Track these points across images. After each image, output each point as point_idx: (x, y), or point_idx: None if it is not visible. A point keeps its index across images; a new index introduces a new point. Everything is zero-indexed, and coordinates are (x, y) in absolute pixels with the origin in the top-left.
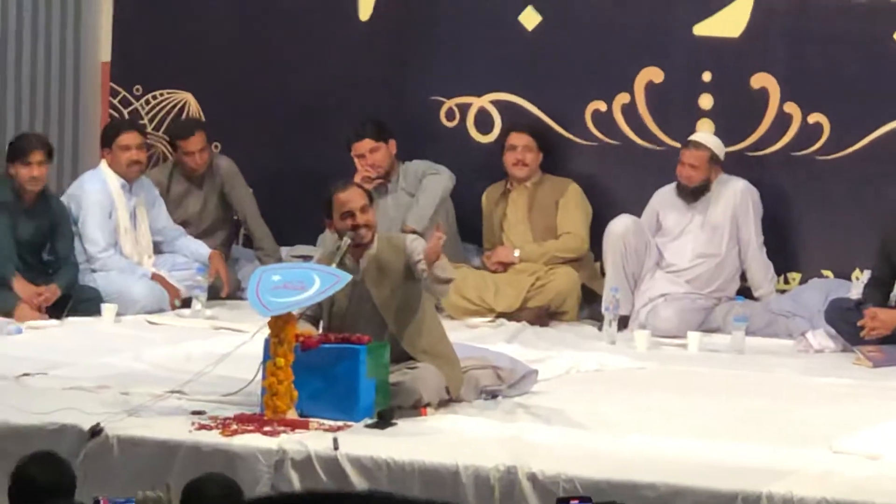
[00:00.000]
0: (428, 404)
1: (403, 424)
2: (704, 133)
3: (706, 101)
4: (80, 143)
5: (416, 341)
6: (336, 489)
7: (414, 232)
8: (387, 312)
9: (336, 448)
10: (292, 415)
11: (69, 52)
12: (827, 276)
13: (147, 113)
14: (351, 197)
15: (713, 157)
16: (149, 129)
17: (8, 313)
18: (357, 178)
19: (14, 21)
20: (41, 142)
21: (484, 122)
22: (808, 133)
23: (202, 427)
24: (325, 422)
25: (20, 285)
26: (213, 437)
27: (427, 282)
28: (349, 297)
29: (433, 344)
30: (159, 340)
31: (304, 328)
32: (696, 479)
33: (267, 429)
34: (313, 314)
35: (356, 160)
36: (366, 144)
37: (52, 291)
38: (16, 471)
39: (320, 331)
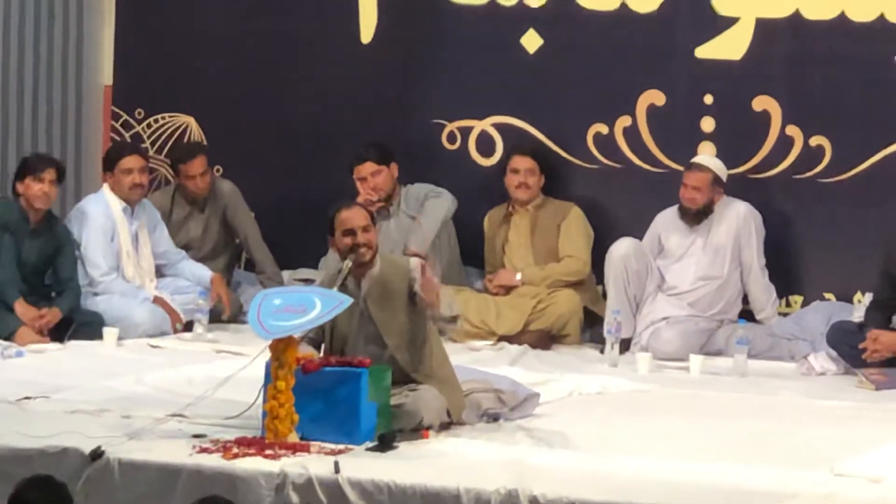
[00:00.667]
0: (430, 427)
1: (405, 447)
2: (706, 155)
3: (708, 124)
4: (82, 167)
5: (418, 364)
6: None
7: (416, 255)
8: (387, 334)
9: (337, 471)
10: (293, 438)
11: (71, 76)
12: (829, 299)
13: (149, 136)
14: (353, 216)
15: (716, 179)
16: (150, 153)
17: (9, 337)
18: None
19: (16, 44)
20: (55, 161)
21: (486, 145)
22: (810, 155)
23: (203, 450)
24: (327, 445)
25: (22, 309)
26: (214, 461)
27: (434, 321)
28: (351, 318)
29: (435, 367)
30: (161, 364)
31: (306, 351)
32: (698, 502)
33: (268, 452)
34: (315, 337)
35: (358, 183)
36: (368, 168)
37: (53, 314)
38: (13, 495)
39: (322, 354)
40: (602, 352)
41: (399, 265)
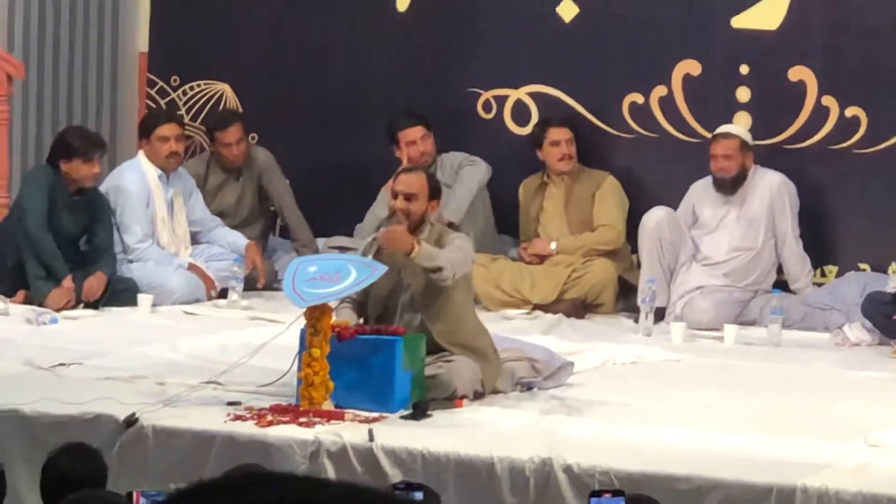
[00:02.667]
0: (464, 396)
1: (439, 416)
2: (729, 124)
3: (743, 94)
4: (118, 134)
5: (451, 335)
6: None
7: (451, 224)
8: (422, 303)
9: (371, 439)
10: (328, 406)
11: (107, 43)
12: (864, 270)
13: (184, 104)
14: (409, 180)
15: (743, 144)
16: (186, 120)
17: (42, 303)
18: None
19: (52, 13)
20: (104, 144)
21: (521, 114)
22: (846, 126)
23: (238, 418)
24: (361, 413)
25: (67, 288)
26: (248, 428)
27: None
28: (388, 285)
29: (469, 338)
30: (195, 331)
31: (346, 316)
32: (730, 472)
33: (302, 420)
34: (359, 299)
35: (405, 147)
36: (418, 131)
37: (99, 279)
38: (46, 463)
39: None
40: (636, 321)
41: (443, 239)
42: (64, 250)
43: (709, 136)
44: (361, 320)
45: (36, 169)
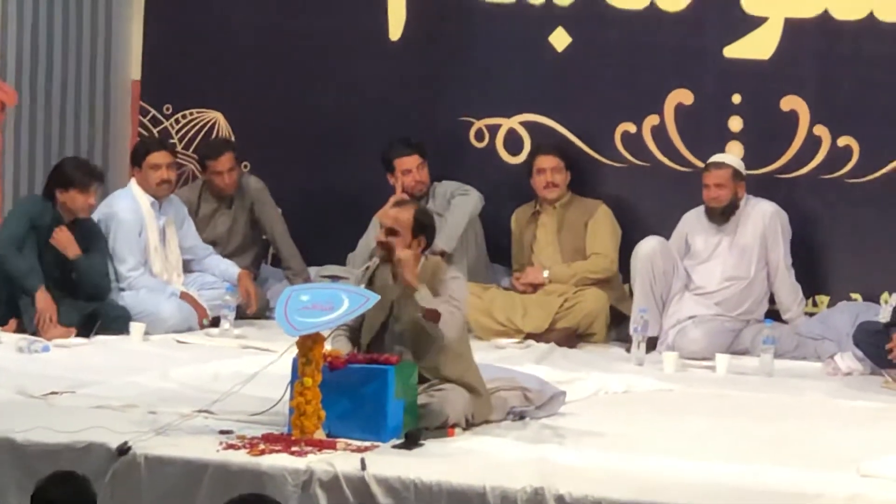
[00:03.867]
0: (455, 425)
1: (431, 445)
2: (721, 154)
3: (736, 124)
4: (111, 162)
5: (440, 369)
6: None
7: (443, 254)
8: (410, 339)
9: (363, 468)
10: (320, 435)
11: (99, 71)
12: (855, 299)
13: (177, 132)
14: (395, 216)
15: (736, 174)
16: (178, 149)
17: (35, 332)
18: (397, 197)
19: (45, 41)
20: (100, 174)
21: (513, 142)
22: (838, 156)
23: (230, 447)
24: (353, 442)
25: (42, 299)
26: (240, 457)
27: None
28: (381, 315)
29: (460, 373)
30: (187, 359)
31: (340, 345)
32: (722, 502)
33: (294, 449)
34: (354, 325)
35: (400, 176)
36: (414, 160)
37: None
38: (35, 491)
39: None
40: (628, 350)
41: (438, 273)
42: (58, 279)
43: (701, 165)
44: (356, 348)
45: (24, 198)
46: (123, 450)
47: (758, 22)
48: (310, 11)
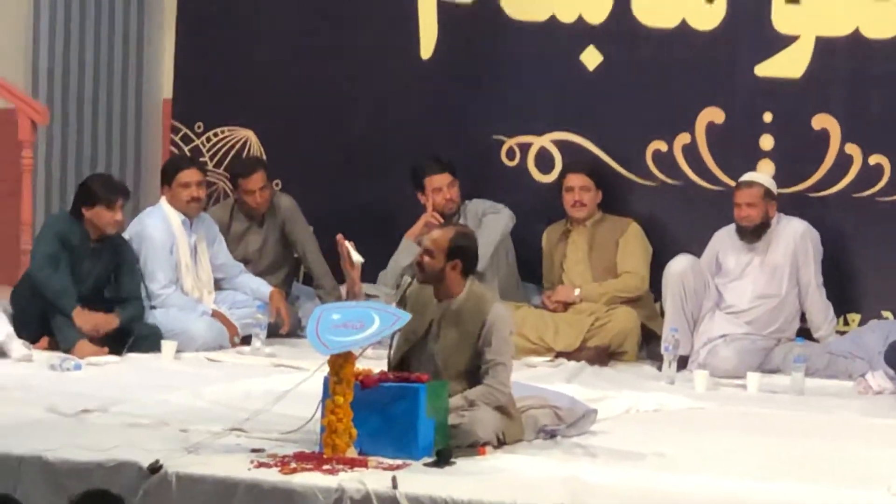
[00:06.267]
0: (487, 443)
1: (462, 463)
2: (753, 172)
3: (767, 142)
4: (142, 180)
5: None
6: None
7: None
8: (445, 365)
9: (395, 487)
10: (351, 453)
11: (131, 89)
12: (887, 318)
13: (208, 150)
14: (432, 237)
15: (767, 193)
16: (210, 167)
17: (69, 350)
18: (428, 215)
19: (76, 58)
20: (126, 190)
21: (544, 161)
22: (869, 174)
23: (261, 465)
24: (384, 460)
25: (80, 316)
26: (272, 475)
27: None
28: (417, 333)
29: None
30: (219, 377)
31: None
32: None
33: (326, 467)
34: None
35: (430, 194)
36: (445, 178)
37: (109, 320)
38: None
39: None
40: (659, 369)
41: (482, 305)
42: (89, 298)
43: (732, 183)
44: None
45: (52, 216)
46: (155, 468)
47: (789, 40)
48: (341, 29)
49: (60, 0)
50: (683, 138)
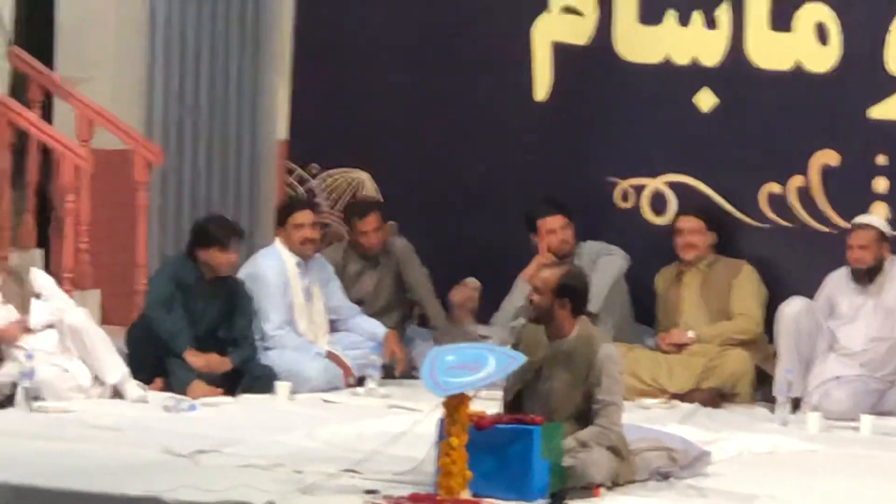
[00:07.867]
0: (601, 485)
1: None
2: (866, 215)
3: (881, 184)
4: (257, 221)
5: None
6: None
7: (589, 314)
8: (556, 406)
9: None
10: (466, 495)
11: (246, 131)
12: None
13: (323, 191)
14: (540, 275)
15: (881, 235)
16: (325, 208)
17: (183, 391)
18: (541, 257)
19: (191, 99)
20: (239, 229)
21: (658, 203)
22: None
23: None
24: (499, 502)
25: (192, 357)
26: None
27: None
28: (528, 373)
29: None
30: (333, 418)
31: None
32: None
33: None
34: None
35: (544, 236)
36: (558, 220)
37: (221, 363)
38: None
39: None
40: (772, 411)
41: (592, 345)
42: (202, 338)
43: (846, 226)
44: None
45: (167, 258)
46: None
47: None
48: (457, 71)
49: (176, 42)
50: (797, 180)
